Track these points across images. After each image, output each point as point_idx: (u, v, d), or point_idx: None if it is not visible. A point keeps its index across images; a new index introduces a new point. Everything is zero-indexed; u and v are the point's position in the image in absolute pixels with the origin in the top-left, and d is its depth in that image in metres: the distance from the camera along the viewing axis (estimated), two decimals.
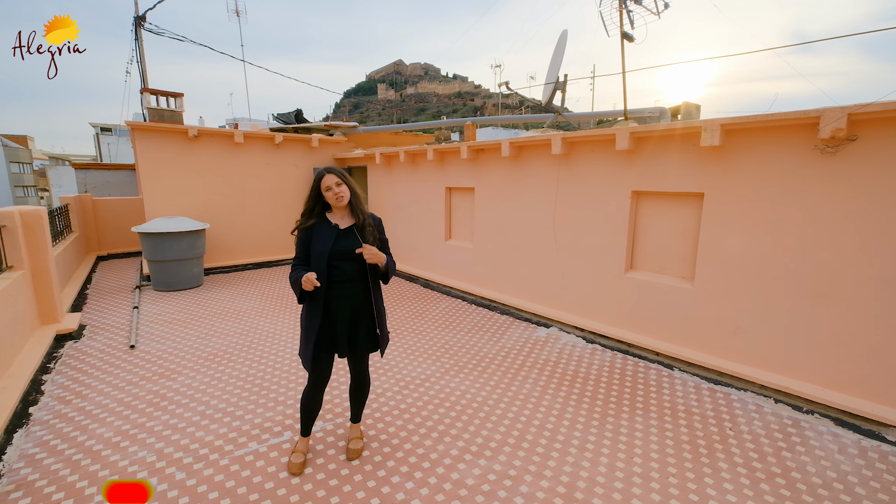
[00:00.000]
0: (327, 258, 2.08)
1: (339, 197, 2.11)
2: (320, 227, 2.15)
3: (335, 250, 2.10)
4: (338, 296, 2.13)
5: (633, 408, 2.93)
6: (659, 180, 3.64)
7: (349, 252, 2.11)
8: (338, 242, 2.11)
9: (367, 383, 2.44)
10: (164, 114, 7.24)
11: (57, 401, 3.00)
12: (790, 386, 2.95)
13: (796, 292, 2.96)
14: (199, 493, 2.13)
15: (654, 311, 3.74)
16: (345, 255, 2.11)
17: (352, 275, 2.14)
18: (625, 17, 4.15)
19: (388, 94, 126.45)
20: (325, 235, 2.12)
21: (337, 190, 2.10)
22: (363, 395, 2.45)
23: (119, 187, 9.85)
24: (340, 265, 2.11)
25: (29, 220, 4.05)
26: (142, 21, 9.13)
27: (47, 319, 4.21)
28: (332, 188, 2.10)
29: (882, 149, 2.61)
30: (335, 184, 2.10)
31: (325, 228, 2.14)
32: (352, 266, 2.13)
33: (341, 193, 2.11)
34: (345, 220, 2.19)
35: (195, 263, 5.92)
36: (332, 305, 2.13)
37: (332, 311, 2.14)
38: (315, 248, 2.11)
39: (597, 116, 7.48)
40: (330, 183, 2.10)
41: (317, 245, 2.11)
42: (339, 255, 2.10)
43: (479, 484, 2.20)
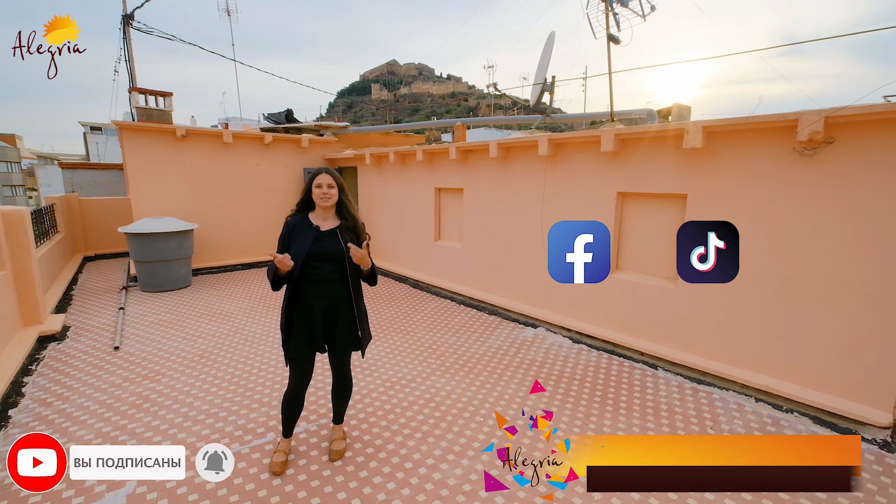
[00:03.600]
0: (304, 258, 2.08)
1: (326, 197, 2.14)
2: (301, 227, 2.16)
3: (313, 251, 2.10)
4: (314, 296, 2.14)
5: (616, 407, 2.96)
6: (644, 181, 3.68)
7: (329, 253, 2.12)
8: (317, 243, 2.12)
9: (350, 384, 2.43)
10: (153, 113, 7.18)
11: (37, 403, 2.96)
12: (770, 385, 2.99)
13: (776, 292, 3.01)
14: (179, 494, 2.11)
15: (638, 311, 3.77)
16: (323, 256, 2.12)
17: (329, 276, 2.15)
18: (611, 20, 4.19)
19: (381, 94, 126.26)
20: (305, 236, 2.13)
21: (327, 190, 2.13)
22: (345, 396, 2.45)
23: (107, 187, 9.73)
24: (318, 266, 2.12)
25: (11, 221, 3.99)
26: (130, 19, 9.03)
27: (30, 321, 4.15)
28: (322, 186, 2.13)
29: (859, 151, 2.66)
30: (327, 185, 2.14)
31: (306, 228, 2.15)
32: (330, 267, 2.14)
33: (329, 195, 2.14)
34: (327, 223, 2.20)
35: (183, 264, 5.87)
36: (308, 305, 2.14)
37: (307, 311, 2.14)
38: (294, 247, 2.12)
39: (588, 118, 7.53)
40: (323, 182, 2.14)
41: (296, 245, 2.12)
42: (317, 255, 2.11)
43: (461, 484, 2.20)
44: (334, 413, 2.49)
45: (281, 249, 2.16)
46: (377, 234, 7.19)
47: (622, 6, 4.19)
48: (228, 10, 14.48)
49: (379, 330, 4.40)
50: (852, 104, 2.59)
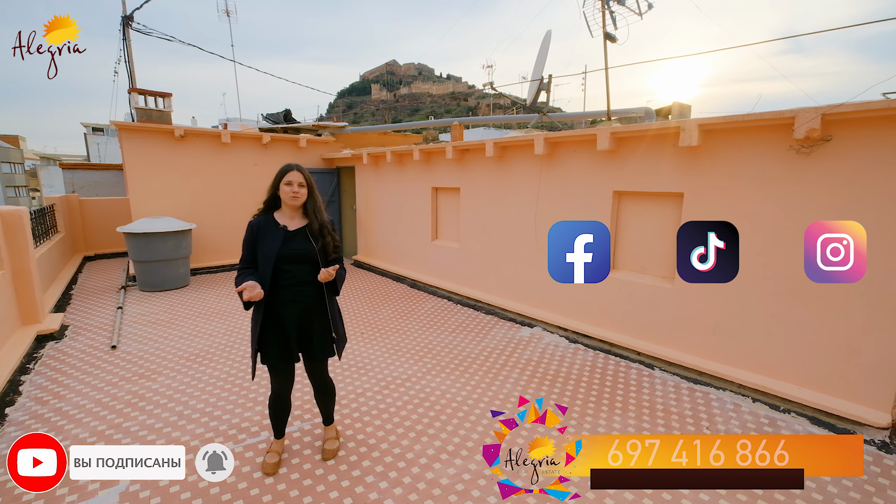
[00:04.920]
0: (274, 261, 1.97)
1: (296, 196, 2.02)
2: (267, 228, 2.03)
3: (283, 252, 1.99)
4: (287, 300, 2.02)
5: (612, 407, 2.94)
6: (640, 180, 3.66)
7: (300, 255, 2.01)
8: (286, 245, 2.00)
9: (332, 389, 2.37)
10: (152, 114, 7.19)
11: (34, 401, 2.97)
12: (767, 385, 2.98)
13: (773, 292, 2.99)
14: (172, 493, 2.11)
15: (635, 310, 3.76)
16: (294, 257, 2.01)
17: (302, 278, 2.03)
18: (608, 18, 4.18)
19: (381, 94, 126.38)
20: (273, 237, 2.00)
21: (297, 189, 2.02)
22: (330, 402, 2.39)
23: (107, 187, 9.76)
24: (289, 268, 2.00)
25: (9, 221, 4.01)
26: (129, 21, 9.06)
27: (28, 320, 4.17)
28: (293, 184, 2.01)
29: (857, 149, 2.64)
30: (298, 183, 2.03)
31: (273, 229, 2.02)
32: (302, 269, 2.03)
33: (300, 194, 2.03)
34: (294, 222, 2.08)
35: (181, 264, 5.89)
36: (281, 311, 2.03)
37: (280, 317, 2.03)
38: (262, 250, 2.00)
39: (586, 116, 7.51)
40: (293, 179, 2.02)
41: (263, 247, 1.99)
42: (287, 257, 2.00)
43: (454, 483, 2.20)
44: (322, 415, 2.45)
45: (246, 254, 2.04)
46: (374, 233, 7.19)
47: (619, 4, 4.18)
48: (228, 11, 14.51)
49: (375, 329, 4.40)
50: (850, 101, 2.57)
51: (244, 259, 2.06)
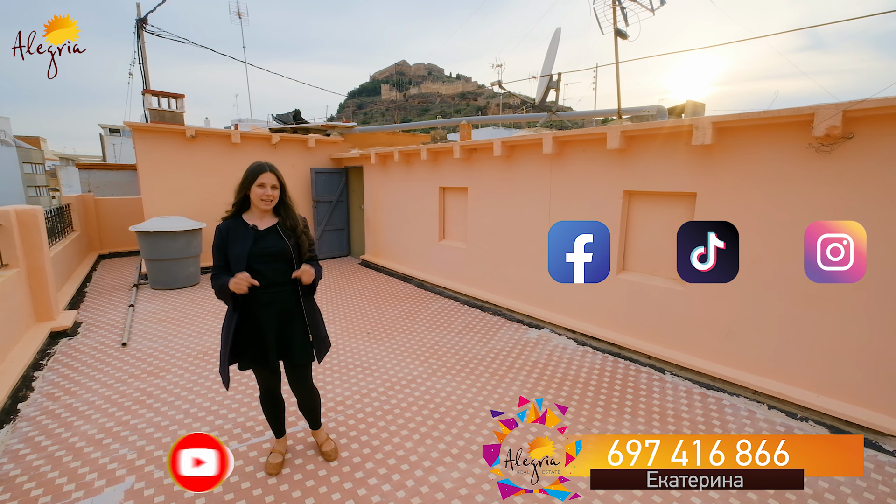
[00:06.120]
0: (246, 262, 1.88)
1: (268, 199, 1.93)
2: (236, 230, 1.93)
3: (254, 252, 1.90)
4: (262, 303, 1.94)
5: (621, 412, 2.87)
6: (651, 180, 3.58)
7: (273, 252, 1.93)
8: (257, 244, 1.92)
9: (316, 396, 2.28)
10: (165, 115, 7.30)
11: (46, 397, 3.02)
12: (784, 391, 2.87)
13: (790, 295, 2.89)
14: (175, 491, 2.12)
15: (645, 313, 3.67)
16: (267, 256, 1.92)
17: (276, 279, 1.95)
18: (619, 14, 4.10)
19: (391, 94, 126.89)
20: (243, 238, 1.91)
21: (270, 192, 1.93)
22: (315, 409, 2.30)
23: (122, 187, 9.95)
24: (262, 269, 1.91)
25: (25, 219, 4.09)
26: (143, 23, 9.22)
27: (42, 317, 4.25)
28: (266, 187, 1.91)
29: (879, 147, 2.53)
30: (271, 185, 1.92)
31: (242, 230, 1.93)
32: (275, 269, 1.94)
33: (272, 196, 1.94)
34: (264, 221, 2.00)
35: (192, 262, 5.96)
36: (257, 314, 1.95)
37: (256, 320, 1.95)
38: (232, 252, 1.90)
39: (596, 115, 7.40)
40: (266, 181, 1.91)
41: (234, 249, 1.90)
42: (259, 257, 1.91)
43: (457, 488, 2.16)
44: (309, 421, 2.34)
45: (218, 259, 1.94)
46: (382, 233, 7.19)
47: (630, 0, 4.09)
48: (239, 13, 14.68)
49: (381, 329, 4.38)
50: (872, 97, 2.47)
51: (217, 266, 1.96)
